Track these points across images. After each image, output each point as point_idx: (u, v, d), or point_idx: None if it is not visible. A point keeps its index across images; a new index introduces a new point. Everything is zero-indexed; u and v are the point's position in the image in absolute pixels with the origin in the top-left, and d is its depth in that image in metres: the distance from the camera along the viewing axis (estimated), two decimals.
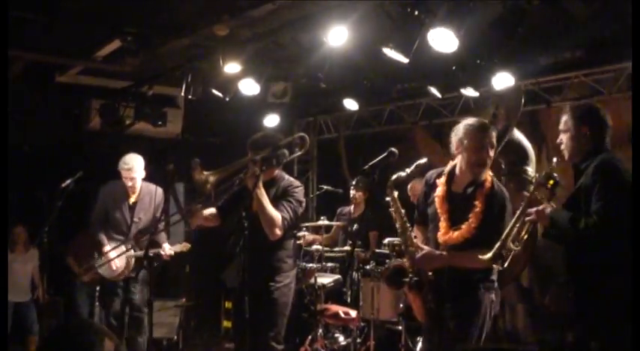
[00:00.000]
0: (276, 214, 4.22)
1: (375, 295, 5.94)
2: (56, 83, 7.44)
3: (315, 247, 6.97)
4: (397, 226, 3.95)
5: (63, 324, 2.48)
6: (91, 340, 2.12)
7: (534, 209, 3.46)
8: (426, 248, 3.83)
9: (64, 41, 6.42)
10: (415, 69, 6.17)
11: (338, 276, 6.64)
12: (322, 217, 6.86)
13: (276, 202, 4.29)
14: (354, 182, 7.24)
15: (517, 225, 3.52)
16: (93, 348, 2.12)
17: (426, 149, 8.16)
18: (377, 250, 6.66)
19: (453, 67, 6.14)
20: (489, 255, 3.50)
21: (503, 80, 5.95)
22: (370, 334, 5.96)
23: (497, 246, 3.49)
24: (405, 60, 5.29)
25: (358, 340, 6.16)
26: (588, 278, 3.41)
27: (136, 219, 5.72)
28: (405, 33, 5.18)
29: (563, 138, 3.62)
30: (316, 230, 7.27)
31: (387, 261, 6.26)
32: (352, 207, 7.27)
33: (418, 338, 6.01)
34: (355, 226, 6.76)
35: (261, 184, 4.18)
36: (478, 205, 3.73)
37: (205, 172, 4.17)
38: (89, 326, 2.29)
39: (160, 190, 5.82)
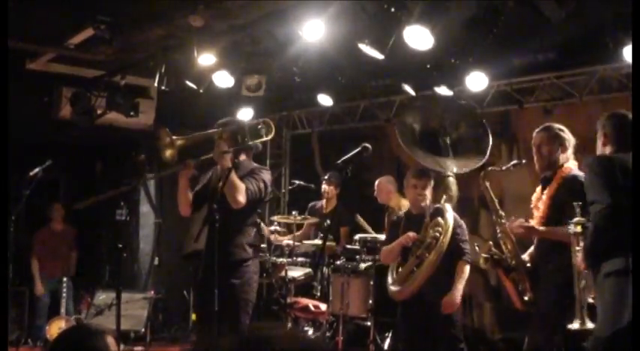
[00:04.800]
0: (240, 183, 4.19)
1: (344, 291, 5.96)
2: (26, 70, 7.31)
3: (285, 241, 6.95)
4: (493, 214, 4.32)
5: (65, 332, 2.52)
6: (100, 341, 2.19)
7: None
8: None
9: (36, 27, 6.30)
10: (390, 66, 6.18)
11: (309, 270, 6.64)
12: (294, 212, 6.85)
13: (241, 179, 4.25)
14: (326, 177, 7.27)
15: None
16: (106, 348, 2.19)
17: (399, 147, 8.18)
18: (347, 246, 6.68)
19: (428, 66, 6.16)
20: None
21: (476, 80, 6.00)
22: (339, 329, 5.97)
23: None
24: (380, 56, 5.30)
25: (327, 334, 6.18)
26: None
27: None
28: (381, 29, 5.19)
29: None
30: (288, 227, 7.24)
31: (357, 257, 6.30)
32: (324, 202, 7.27)
33: (387, 334, 6.05)
34: (327, 222, 6.76)
35: (229, 159, 4.15)
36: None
37: (174, 136, 4.14)
38: (90, 328, 2.36)
39: None
